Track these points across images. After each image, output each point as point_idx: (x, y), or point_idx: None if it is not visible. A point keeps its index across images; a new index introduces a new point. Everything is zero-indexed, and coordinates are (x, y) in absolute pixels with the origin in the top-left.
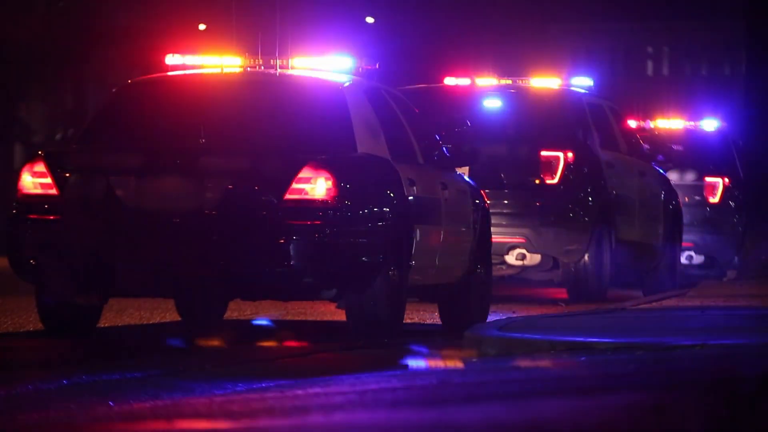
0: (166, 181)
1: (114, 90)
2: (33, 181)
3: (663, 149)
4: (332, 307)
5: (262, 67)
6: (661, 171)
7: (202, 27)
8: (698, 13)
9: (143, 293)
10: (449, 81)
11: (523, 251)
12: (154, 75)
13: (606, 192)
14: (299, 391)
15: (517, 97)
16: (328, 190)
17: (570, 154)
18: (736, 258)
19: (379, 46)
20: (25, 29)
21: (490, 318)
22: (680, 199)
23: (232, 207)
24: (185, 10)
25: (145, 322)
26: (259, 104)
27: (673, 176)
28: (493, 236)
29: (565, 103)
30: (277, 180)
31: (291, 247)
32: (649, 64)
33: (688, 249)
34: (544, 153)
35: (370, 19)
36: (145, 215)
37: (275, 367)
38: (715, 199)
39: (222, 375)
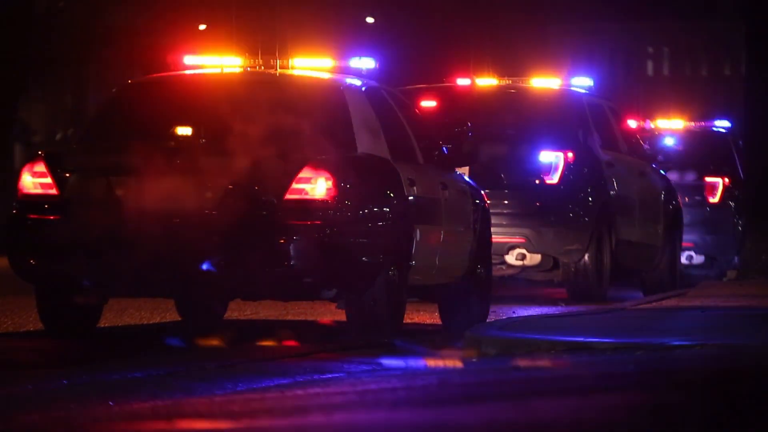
0: (166, 181)
1: (114, 90)
2: (33, 181)
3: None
4: (332, 307)
5: (262, 67)
6: (661, 171)
7: (202, 27)
8: (698, 13)
9: (143, 293)
10: (449, 81)
11: (523, 251)
12: (154, 75)
13: (606, 192)
14: (299, 391)
15: (517, 97)
16: (328, 190)
17: (570, 154)
18: (736, 258)
19: (379, 46)
20: (25, 29)
21: (490, 318)
22: (680, 199)
23: (232, 207)
24: (185, 10)
25: (145, 322)
26: (259, 104)
27: (673, 176)
28: (493, 236)
29: (565, 103)
30: (277, 180)
31: (291, 247)
32: (649, 64)
33: (688, 249)
34: (544, 153)
35: (370, 19)
36: (145, 215)
37: (275, 367)
38: (715, 199)
39: (222, 375)
